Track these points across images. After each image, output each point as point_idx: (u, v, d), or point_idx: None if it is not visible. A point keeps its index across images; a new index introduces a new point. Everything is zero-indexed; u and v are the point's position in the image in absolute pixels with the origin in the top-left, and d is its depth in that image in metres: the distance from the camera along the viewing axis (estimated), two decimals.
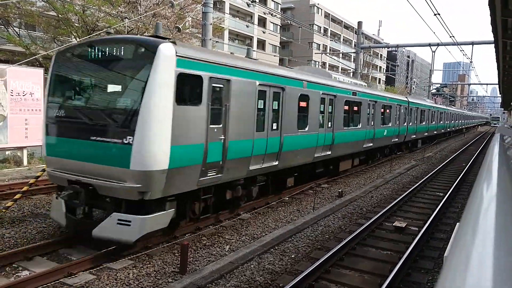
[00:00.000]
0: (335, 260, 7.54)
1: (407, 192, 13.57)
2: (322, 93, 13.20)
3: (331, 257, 7.44)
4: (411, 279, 6.99)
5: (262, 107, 10.01)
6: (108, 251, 7.21)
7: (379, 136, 19.38)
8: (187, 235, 8.64)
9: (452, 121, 45.88)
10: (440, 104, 44.12)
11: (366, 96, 17.54)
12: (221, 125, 8.45)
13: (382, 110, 19.85)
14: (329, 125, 14.01)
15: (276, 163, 10.77)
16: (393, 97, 22.72)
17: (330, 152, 14.23)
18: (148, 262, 7.18)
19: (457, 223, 2.26)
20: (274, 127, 10.61)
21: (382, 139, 20.24)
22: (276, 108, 10.65)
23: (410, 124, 25.26)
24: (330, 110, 13.97)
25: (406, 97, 25.39)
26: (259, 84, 9.69)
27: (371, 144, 18.58)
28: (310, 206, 11.62)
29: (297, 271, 7.01)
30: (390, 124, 21.22)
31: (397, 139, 23.10)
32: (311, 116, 12.53)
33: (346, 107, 15.38)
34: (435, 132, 35.28)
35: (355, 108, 16.44)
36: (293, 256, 7.90)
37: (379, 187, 15.17)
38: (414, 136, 27.08)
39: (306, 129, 12.28)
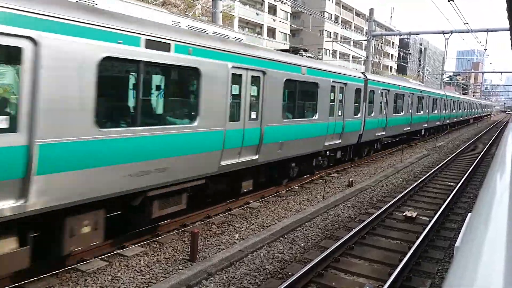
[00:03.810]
0: (344, 249, 7.54)
1: (418, 181, 13.47)
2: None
3: (340, 246, 7.45)
4: (421, 269, 6.97)
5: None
6: (120, 239, 7.32)
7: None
8: (197, 223, 8.71)
9: (451, 110, 36.64)
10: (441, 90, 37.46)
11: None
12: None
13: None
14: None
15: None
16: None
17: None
18: (159, 250, 7.27)
19: (469, 213, 2.23)
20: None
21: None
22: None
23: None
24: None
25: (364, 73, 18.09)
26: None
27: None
28: (320, 195, 11.61)
29: (307, 260, 7.04)
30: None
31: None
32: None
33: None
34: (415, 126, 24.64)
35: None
36: (302, 245, 7.93)
37: (390, 176, 15.08)
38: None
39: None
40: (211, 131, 8.02)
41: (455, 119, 40.37)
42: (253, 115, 9.42)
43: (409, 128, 23.09)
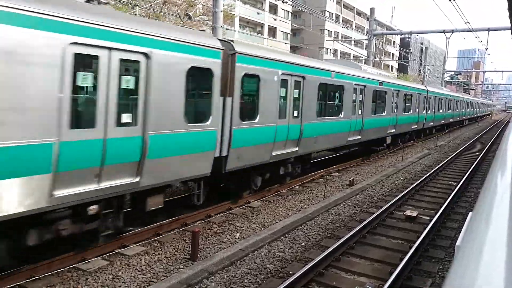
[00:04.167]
0: (345, 248, 7.54)
1: (419, 181, 13.46)
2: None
3: (341, 245, 7.45)
4: (422, 268, 6.97)
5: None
6: (121, 238, 7.33)
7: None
8: (198, 222, 8.72)
9: (436, 111, 29.30)
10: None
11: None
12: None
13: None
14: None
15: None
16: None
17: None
18: (159, 249, 7.28)
19: (470, 212, 2.23)
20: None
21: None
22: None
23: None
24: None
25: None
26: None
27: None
28: (321, 195, 11.61)
29: (307, 259, 7.05)
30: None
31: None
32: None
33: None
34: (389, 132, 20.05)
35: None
36: (303, 244, 7.93)
37: (391, 176, 15.07)
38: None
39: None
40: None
41: (442, 121, 32.34)
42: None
43: (358, 138, 15.68)
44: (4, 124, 4.88)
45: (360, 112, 15.80)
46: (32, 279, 5.79)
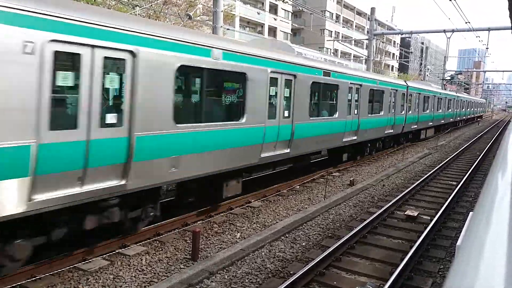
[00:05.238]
0: (346, 248, 7.54)
1: (420, 181, 13.45)
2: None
3: (342, 245, 7.45)
4: (423, 268, 6.97)
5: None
6: (121, 238, 7.33)
7: None
8: (198, 222, 8.72)
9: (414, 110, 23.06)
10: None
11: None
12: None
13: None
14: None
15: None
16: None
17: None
18: (160, 249, 7.29)
19: (470, 212, 2.23)
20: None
21: None
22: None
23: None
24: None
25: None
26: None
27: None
28: (321, 195, 11.61)
29: (308, 259, 7.05)
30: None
31: None
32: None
33: None
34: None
35: None
36: (304, 244, 7.93)
37: (391, 175, 15.07)
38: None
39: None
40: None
41: (418, 124, 24.17)
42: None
43: (286, 152, 10.86)
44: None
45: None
46: (33, 279, 5.80)
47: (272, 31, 56.90)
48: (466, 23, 21.55)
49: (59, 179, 5.46)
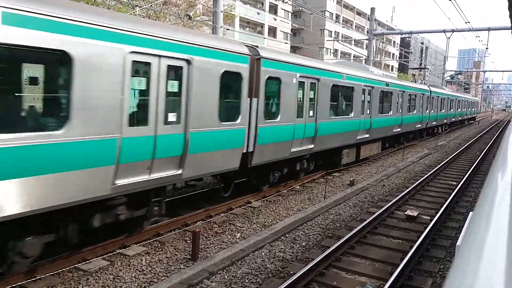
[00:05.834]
0: (346, 248, 7.54)
1: (420, 181, 13.45)
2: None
3: (342, 245, 7.45)
4: (423, 268, 6.96)
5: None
6: (121, 238, 7.33)
7: None
8: (198, 222, 8.72)
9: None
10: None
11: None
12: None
13: None
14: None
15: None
16: None
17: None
18: (160, 249, 7.28)
19: (470, 212, 2.23)
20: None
21: None
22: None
23: None
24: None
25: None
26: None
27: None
28: (321, 195, 11.61)
29: (308, 259, 7.04)
30: None
31: None
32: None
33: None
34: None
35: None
36: (304, 244, 7.93)
37: (391, 175, 15.07)
38: None
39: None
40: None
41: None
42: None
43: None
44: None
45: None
46: (33, 279, 5.79)
47: (272, 31, 56.89)
48: (466, 23, 21.58)
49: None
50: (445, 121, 32.79)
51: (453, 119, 37.35)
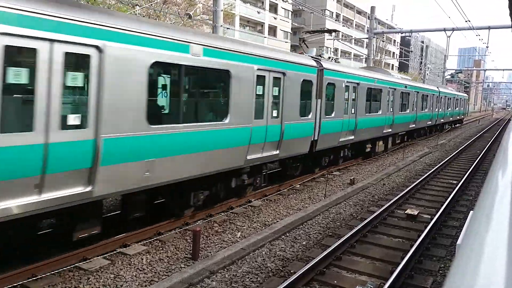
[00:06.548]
0: (346, 247, 7.55)
1: (420, 179, 13.45)
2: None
3: (342, 244, 7.45)
4: (423, 267, 6.97)
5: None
6: (122, 237, 7.34)
7: None
8: (199, 221, 8.73)
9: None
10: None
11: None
12: None
13: None
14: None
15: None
16: None
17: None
18: (161, 248, 7.29)
19: (471, 211, 2.23)
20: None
21: None
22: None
23: None
24: None
25: None
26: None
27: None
28: (322, 194, 11.61)
29: (309, 258, 7.05)
30: None
31: None
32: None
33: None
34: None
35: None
36: (304, 243, 7.93)
37: (391, 174, 15.07)
38: None
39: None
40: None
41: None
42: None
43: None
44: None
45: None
46: (34, 278, 5.80)
47: (272, 30, 56.82)
48: (466, 21, 21.55)
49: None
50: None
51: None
